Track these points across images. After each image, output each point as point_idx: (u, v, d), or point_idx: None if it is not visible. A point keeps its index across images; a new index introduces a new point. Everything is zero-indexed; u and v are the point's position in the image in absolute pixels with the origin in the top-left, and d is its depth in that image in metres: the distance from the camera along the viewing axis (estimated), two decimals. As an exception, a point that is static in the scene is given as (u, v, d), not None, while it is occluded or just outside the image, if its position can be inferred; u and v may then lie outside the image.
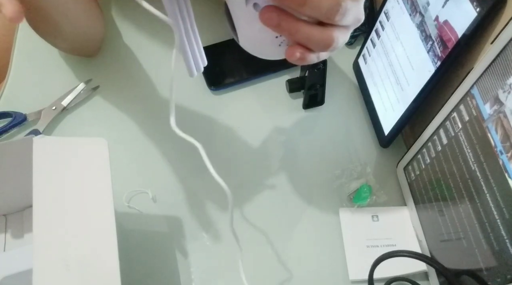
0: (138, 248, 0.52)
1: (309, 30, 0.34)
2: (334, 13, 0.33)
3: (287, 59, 0.36)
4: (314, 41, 0.35)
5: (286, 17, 0.34)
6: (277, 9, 0.33)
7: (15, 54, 0.68)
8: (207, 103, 0.64)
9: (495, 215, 0.40)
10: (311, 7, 0.32)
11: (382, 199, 0.56)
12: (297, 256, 0.52)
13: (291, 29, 0.34)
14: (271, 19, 0.33)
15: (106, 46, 0.69)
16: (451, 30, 0.45)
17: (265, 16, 0.33)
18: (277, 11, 0.33)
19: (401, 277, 0.49)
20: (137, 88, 0.65)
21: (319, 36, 0.35)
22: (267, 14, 0.33)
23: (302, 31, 0.34)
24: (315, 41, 0.35)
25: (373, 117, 0.61)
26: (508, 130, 0.38)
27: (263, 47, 0.37)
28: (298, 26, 0.34)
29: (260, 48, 0.38)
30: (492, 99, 0.41)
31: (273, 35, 0.36)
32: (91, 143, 0.43)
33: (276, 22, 0.33)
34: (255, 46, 0.38)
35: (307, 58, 0.36)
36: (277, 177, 0.58)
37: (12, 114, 0.61)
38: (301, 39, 0.35)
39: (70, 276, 0.35)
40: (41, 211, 0.38)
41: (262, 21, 0.34)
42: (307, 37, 0.34)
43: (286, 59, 0.37)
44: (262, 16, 0.34)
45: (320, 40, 0.35)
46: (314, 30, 0.34)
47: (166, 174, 0.58)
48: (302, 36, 0.34)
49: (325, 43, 0.35)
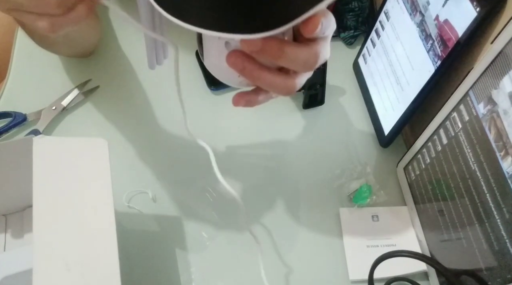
0: (138, 248, 0.52)
1: (271, 79, 0.35)
2: (312, 64, 0.34)
3: (234, 105, 0.38)
4: (275, 88, 0.36)
5: (250, 65, 0.34)
6: (244, 55, 0.34)
7: (15, 54, 0.68)
8: (207, 103, 0.64)
9: (495, 215, 0.40)
10: (288, 60, 0.33)
11: (382, 199, 0.56)
12: (297, 256, 0.52)
13: (254, 75, 0.35)
14: (236, 64, 0.34)
15: (106, 46, 0.69)
16: (451, 29, 0.45)
17: (231, 59, 0.34)
18: (242, 57, 0.34)
19: (401, 277, 0.49)
20: (137, 88, 0.65)
21: (282, 84, 0.35)
22: (233, 58, 0.34)
23: (263, 78, 0.35)
24: (277, 88, 0.36)
25: (373, 117, 0.61)
26: (501, 129, 0.39)
27: (224, 78, 0.38)
28: (260, 74, 0.35)
29: (221, 77, 0.39)
30: (485, 99, 0.41)
31: (235, 73, 0.36)
32: (91, 143, 0.43)
33: (240, 67, 0.34)
34: (217, 74, 0.39)
35: (254, 103, 0.38)
36: (276, 177, 0.58)
37: (12, 114, 0.61)
38: (263, 85, 0.36)
39: (70, 276, 0.35)
40: (41, 211, 0.38)
41: (228, 62, 0.34)
42: (269, 84, 0.35)
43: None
44: (228, 59, 0.34)
45: (283, 87, 0.36)
46: (276, 79, 0.35)
47: (166, 174, 0.58)
48: (263, 83, 0.35)
49: (287, 90, 0.36)
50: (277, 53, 0.32)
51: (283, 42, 0.33)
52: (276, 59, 0.33)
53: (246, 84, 0.38)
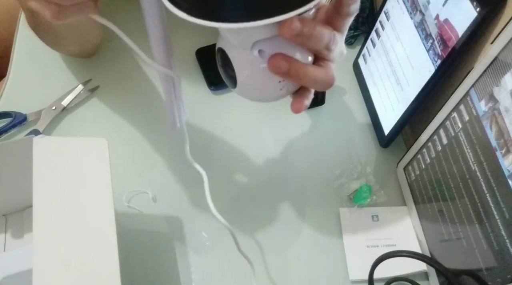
0: (138, 248, 0.52)
1: (315, 73, 0.36)
2: (332, 42, 0.36)
3: (295, 112, 0.38)
4: (319, 82, 0.37)
5: (295, 63, 0.35)
6: (285, 56, 0.34)
7: (15, 54, 0.68)
8: (207, 103, 0.64)
9: (495, 215, 0.40)
10: (317, 38, 0.34)
11: (382, 199, 0.56)
12: (297, 256, 0.52)
13: (300, 74, 0.35)
14: (280, 67, 0.34)
15: (106, 46, 0.69)
16: (452, 29, 0.45)
17: (275, 64, 0.34)
18: (286, 58, 0.34)
19: (401, 277, 0.49)
20: (137, 88, 0.65)
21: (323, 76, 0.37)
22: (276, 62, 0.34)
23: (309, 74, 0.35)
24: (320, 82, 0.37)
25: (373, 117, 0.61)
26: (502, 127, 0.39)
27: (264, 93, 0.38)
28: (306, 70, 0.35)
29: (260, 93, 0.38)
30: (487, 97, 0.41)
31: (277, 80, 0.36)
32: (91, 143, 0.43)
33: (286, 69, 0.34)
34: (254, 93, 0.38)
35: (307, 107, 0.39)
36: (277, 176, 0.58)
37: (12, 114, 0.61)
38: (309, 82, 0.36)
39: (70, 276, 0.35)
40: (41, 211, 0.38)
41: (272, 68, 0.34)
42: (314, 79, 0.36)
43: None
44: (271, 64, 0.34)
45: (325, 80, 0.37)
46: (318, 72, 0.36)
47: (166, 174, 0.58)
48: (309, 79, 0.36)
49: (329, 82, 0.37)
50: (313, 31, 0.33)
51: (315, 21, 0.34)
52: (309, 39, 0.33)
53: (285, 92, 0.38)
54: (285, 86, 0.37)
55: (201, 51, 0.68)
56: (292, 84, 0.38)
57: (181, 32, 0.60)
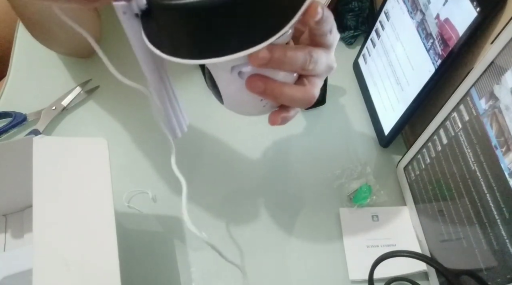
0: (138, 248, 0.52)
1: (291, 92, 0.37)
2: (308, 63, 0.36)
3: (270, 124, 0.39)
4: (297, 100, 0.37)
5: (271, 84, 0.36)
6: (261, 77, 0.35)
7: (15, 54, 0.68)
8: (207, 103, 0.64)
9: (495, 215, 0.40)
10: (290, 63, 0.35)
11: (382, 199, 0.56)
12: (297, 256, 0.52)
13: (276, 94, 0.36)
14: (257, 87, 0.35)
15: (106, 46, 0.68)
16: (452, 28, 0.45)
17: (251, 84, 0.35)
18: (261, 79, 0.35)
19: (401, 277, 0.49)
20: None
21: (301, 95, 0.37)
22: (253, 83, 0.35)
23: (285, 94, 0.36)
24: (298, 100, 0.37)
25: (373, 117, 0.61)
26: (503, 125, 0.39)
27: (248, 109, 0.39)
28: (281, 90, 0.36)
29: (245, 109, 0.40)
30: (487, 95, 0.41)
31: (258, 99, 0.37)
32: (91, 143, 0.43)
33: (262, 90, 0.36)
34: (240, 108, 0.40)
35: (288, 119, 0.39)
36: (277, 176, 0.58)
37: (12, 114, 0.61)
38: (286, 101, 0.37)
39: (70, 276, 0.35)
40: (41, 211, 0.38)
41: (249, 88, 0.36)
42: (291, 98, 0.37)
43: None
44: (248, 85, 0.35)
45: (303, 98, 0.37)
46: (295, 91, 0.37)
47: (166, 174, 0.58)
48: (286, 98, 0.37)
49: (307, 101, 0.38)
50: (283, 57, 0.34)
51: (285, 46, 0.35)
52: (282, 64, 0.34)
53: (269, 108, 0.39)
54: (268, 103, 0.38)
55: (201, 51, 0.68)
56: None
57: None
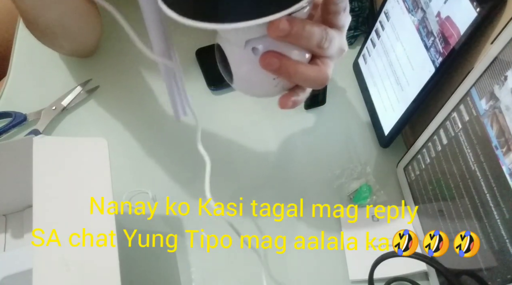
0: (138, 248, 0.52)
1: (306, 71, 0.36)
2: (324, 40, 0.35)
3: (281, 108, 0.38)
4: (311, 80, 0.37)
5: (285, 61, 0.35)
6: (277, 54, 0.34)
7: (15, 54, 0.68)
8: (207, 103, 0.64)
9: (495, 215, 0.40)
10: (307, 37, 0.34)
11: (382, 199, 0.56)
12: (297, 256, 0.52)
13: (290, 71, 0.35)
14: (271, 64, 0.34)
15: (106, 46, 0.69)
16: (453, 26, 0.45)
17: (266, 61, 0.34)
18: (277, 56, 0.34)
19: (401, 277, 0.49)
20: (137, 88, 0.65)
21: (315, 75, 0.36)
22: (268, 59, 0.34)
23: (300, 72, 0.35)
24: (312, 80, 0.37)
25: (373, 117, 0.61)
26: (503, 125, 0.39)
27: (259, 89, 0.38)
28: (296, 68, 0.35)
29: (255, 89, 0.38)
30: (488, 95, 0.41)
31: (271, 77, 0.36)
32: (91, 143, 0.43)
33: (276, 67, 0.34)
34: (250, 88, 0.38)
35: (298, 103, 0.39)
36: (277, 176, 0.58)
37: (12, 114, 0.61)
38: (300, 80, 0.36)
39: (70, 276, 0.35)
40: (41, 211, 0.38)
41: (263, 65, 0.34)
42: (305, 77, 0.36)
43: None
44: (262, 61, 0.34)
45: (316, 78, 0.37)
46: (310, 70, 0.36)
47: (166, 174, 0.58)
48: (300, 77, 0.36)
49: (321, 80, 0.37)
50: (302, 31, 0.33)
51: (305, 21, 0.34)
52: (299, 39, 0.33)
53: (280, 89, 0.38)
54: (280, 83, 0.37)
55: (201, 51, 0.68)
56: (286, 81, 0.38)
57: (181, 32, 0.59)
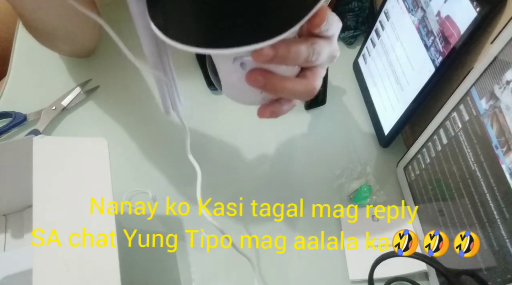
0: (138, 248, 0.52)
1: (293, 86, 0.36)
2: (311, 55, 0.35)
3: (259, 117, 0.39)
4: (298, 94, 0.37)
5: (271, 78, 0.35)
6: (263, 71, 0.35)
7: (15, 54, 0.68)
8: (207, 103, 0.64)
9: (495, 215, 0.40)
10: (293, 58, 0.34)
11: (382, 199, 0.56)
12: (297, 256, 0.52)
13: (277, 88, 0.35)
14: (257, 81, 0.35)
15: (106, 46, 0.69)
16: (453, 25, 0.45)
17: (252, 78, 0.35)
18: (262, 73, 0.35)
19: (401, 277, 0.49)
20: (137, 88, 0.65)
21: (302, 89, 0.37)
22: (254, 76, 0.35)
23: (287, 88, 0.36)
24: (299, 94, 0.37)
25: (373, 117, 0.61)
26: (503, 125, 0.39)
27: (247, 98, 0.39)
28: (283, 84, 0.35)
29: (243, 98, 0.39)
30: (488, 95, 0.41)
31: (258, 91, 0.37)
32: (91, 143, 0.43)
33: (262, 84, 0.35)
34: (238, 97, 0.39)
35: (280, 113, 0.39)
36: (277, 176, 0.58)
37: (12, 114, 0.61)
38: (287, 95, 0.37)
39: (70, 276, 0.35)
40: (41, 211, 0.38)
41: (249, 82, 0.35)
42: (292, 92, 0.36)
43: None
44: (248, 79, 0.35)
45: (304, 91, 0.37)
46: (297, 85, 0.36)
47: (166, 174, 0.58)
48: (288, 92, 0.36)
49: (308, 93, 0.37)
50: (287, 54, 0.33)
51: (291, 42, 0.34)
52: (286, 60, 0.34)
53: (269, 99, 0.39)
54: (267, 95, 0.38)
55: (201, 51, 0.68)
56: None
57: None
